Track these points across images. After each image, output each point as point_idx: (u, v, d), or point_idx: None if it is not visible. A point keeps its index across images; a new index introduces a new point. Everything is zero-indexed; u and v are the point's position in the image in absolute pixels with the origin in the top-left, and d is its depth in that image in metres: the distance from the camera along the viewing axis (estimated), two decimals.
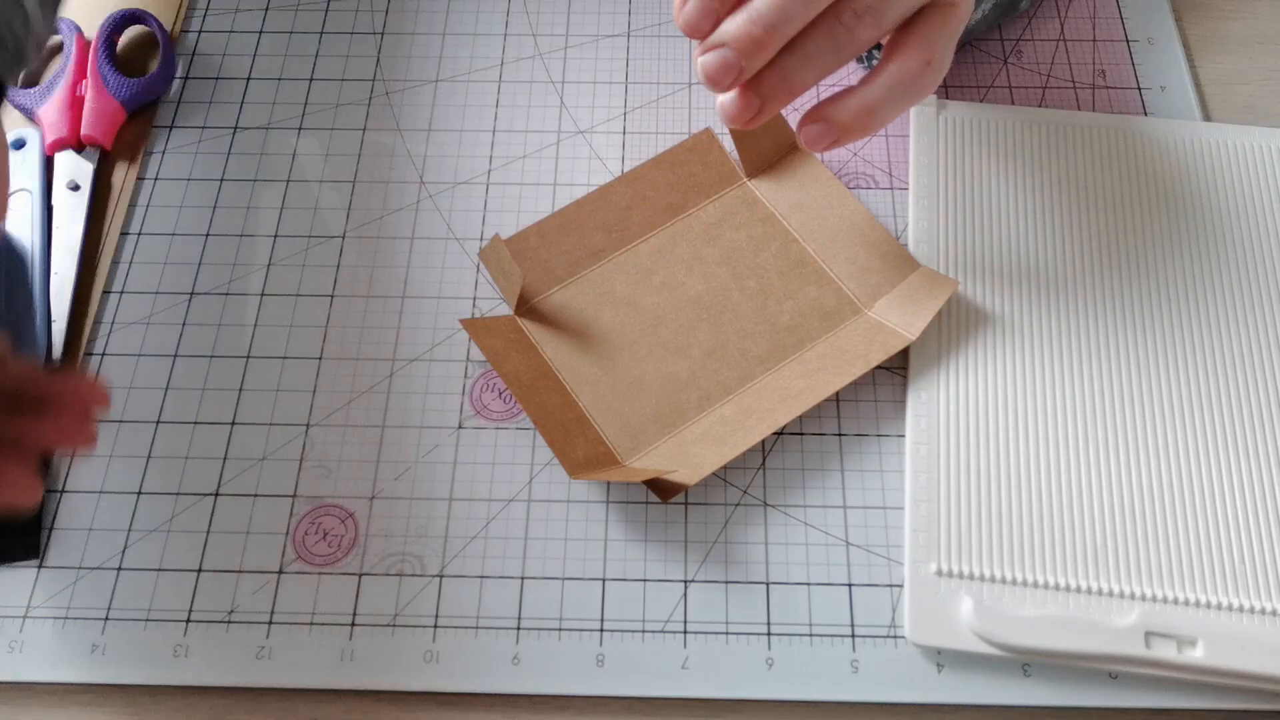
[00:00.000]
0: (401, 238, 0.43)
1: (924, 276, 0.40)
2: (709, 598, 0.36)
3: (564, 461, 0.35)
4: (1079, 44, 0.48)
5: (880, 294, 0.40)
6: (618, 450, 0.38)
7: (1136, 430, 0.38)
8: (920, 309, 0.39)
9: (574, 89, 0.47)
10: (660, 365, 0.39)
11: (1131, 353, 0.39)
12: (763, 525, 0.37)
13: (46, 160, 0.44)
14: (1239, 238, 0.42)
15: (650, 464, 0.37)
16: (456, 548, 0.37)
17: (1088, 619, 0.34)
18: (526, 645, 0.35)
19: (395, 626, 0.35)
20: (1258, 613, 0.34)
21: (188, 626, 0.35)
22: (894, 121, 0.45)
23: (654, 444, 0.38)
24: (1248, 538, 0.36)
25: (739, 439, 0.37)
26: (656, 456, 0.37)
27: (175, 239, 0.43)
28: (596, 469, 0.36)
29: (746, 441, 0.37)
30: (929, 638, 0.34)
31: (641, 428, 0.38)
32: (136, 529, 0.37)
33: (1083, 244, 0.42)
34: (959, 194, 0.43)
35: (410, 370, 0.40)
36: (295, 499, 0.38)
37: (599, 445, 0.37)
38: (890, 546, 0.37)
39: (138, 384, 0.40)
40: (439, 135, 0.46)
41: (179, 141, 0.46)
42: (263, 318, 0.41)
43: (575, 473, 0.35)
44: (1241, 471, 0.37)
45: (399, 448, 0.38)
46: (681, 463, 0.37)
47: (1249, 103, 0.47)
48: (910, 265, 0.41)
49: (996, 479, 0.37)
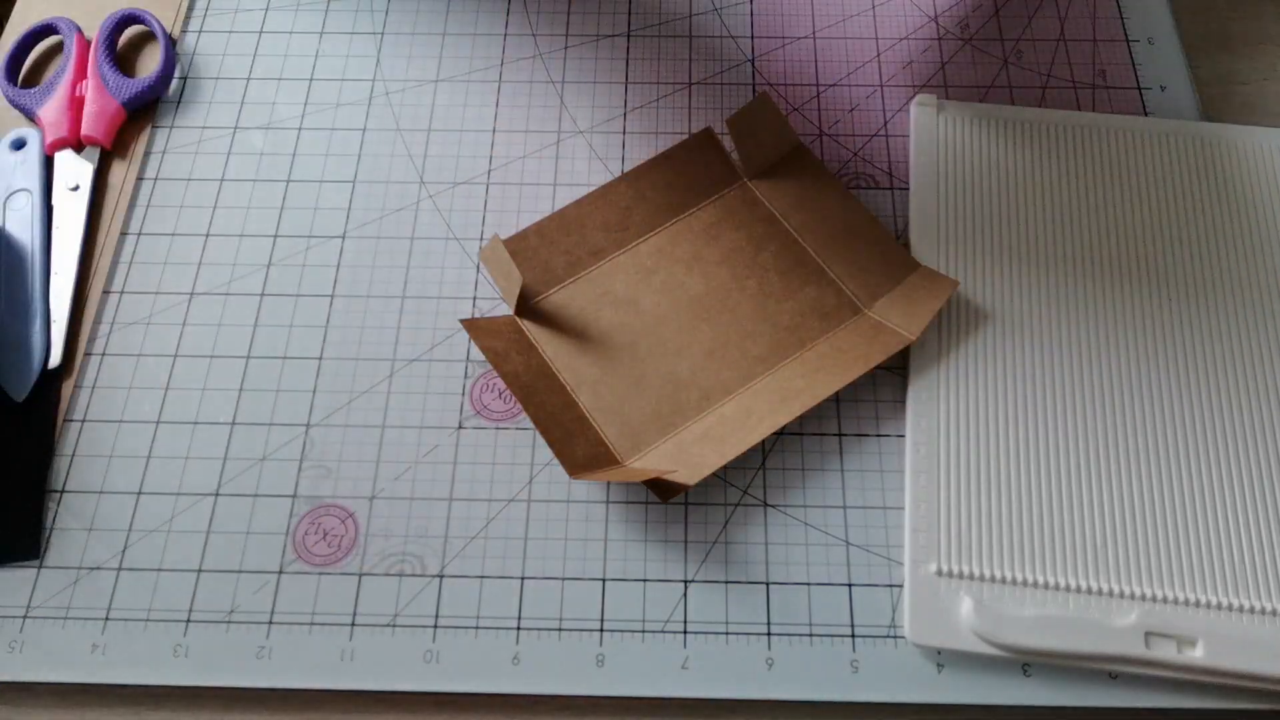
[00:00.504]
0: (401, 238, 0.43)
1: (924, 276, 0.40)
2: (709, 598, 0.36)
3: (564, 462, 0.35)
4: (1079, 44, 0.48)
5: (880, 294, 0.40)
6: (618, 450, 0.38)
7: (1137, 430, 0.38)
8: (920, 309, 0.39)
9: (574, 89, 0.47)
10: (660, 365, 0.39)
11: (1131, 352, 0.39)
12: (763, 525, 0.37)
13: (46, 160, 0.44)
14: (1239, 237, 0.42)
15: (650, 464, 0.37)
16: (456, 548, 0.37)
17: (1088, 619, 0.34)
18: (526, 645, 0.35)
19: (395, 626, 0.35)
20: (1258, 613, 0.34)
21: (188, 626, 0.35)
22: (894, 121, 0.46)
23: (654, 444, 0.38)
24: (1248, 538, 0.36)
25: (739, 439, 0.37)
26: (657, 456, 0.37)
27: (175, 239, 0.43)
28: (596, 469, 0.36)
29: (747, 441, 0.37)
30: (929, 638, 0.34)
31: (641, 427, 0.38)
32: (136, 529, 0.37)
33: (1083, 244, 0.42)
34: (959, 194, 0.43)
35: (410, 370, 0.40)
36: (295, 499, 0.38)
37: (599, 445, 0.37)
38: (890, 546, 0.37)
39: (138, 384, 0.40)
40: (439, 135, 0.46)
41: (179, 141, 0.46)
42: (263, 318, 0.41)
43: (575, 473, 0.35)
44: (1241, 471, 0.37)
45: (399, 448, 0.38)
46: (682, 463, 0.37)
47: (1249, 103, 0.47)
48: (910, 265, 0.41)
49: (997, 479, 0.37)
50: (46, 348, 0.40)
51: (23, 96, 0.46)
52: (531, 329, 0.40)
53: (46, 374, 0.40)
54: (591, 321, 0.40)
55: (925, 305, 0.39)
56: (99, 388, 0.40)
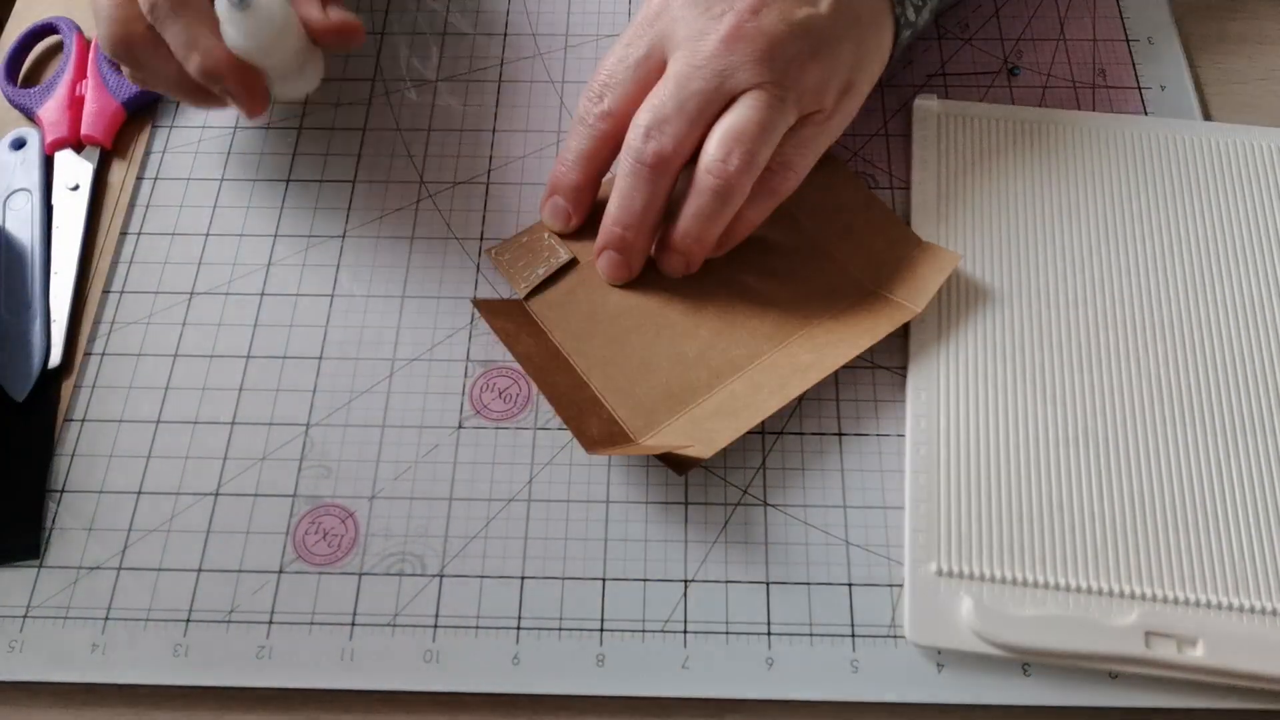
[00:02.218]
0: (401, 238, 0.43)
1: (926, 251, 0.40)
2: (709, 598, 0.36)
3: (580, 438, 0.36)
4: (1079, 44, 0.48)
5: (883, 269, 0.40)
6: (631, 429, 0.38)
7: (1137, 430, 0.38)
8: (924, 282, 0.39)
9: (574, 89, 0.47)
10: (669, 346, 0.39)
11: (1131, 352, 0.39)
12: (763, 525, 0.37)
13: (46, 160, 0.44)
14: (1239, 237, 0.42)
15: (664, 440, 0.37)
16: (456, 548, 0.37)
17: (1088, 619, 0.34)
18: (526, 645, 0.35)
19: (395, 626, 0.35)
20: (1258, 613, 0.34)
21: (188, 626, 0.35)
22: (894, 121, 0.46)
23: (666, 421, 0.38)
24: (1248, 538, 0.36)
25: (751, 412, 0.37)
26: (670, 433, 0.37)
27: (175, 239, 0.43)
28: (612, 445, 0.36)
29: (760, 414, 0.37)
30: (929, 638, 0.34)
31: (653, 406, 0.38)
32: (136, 529, 0.37)
33: (1083, 244, 0.42)
34: (959, 194, 0.43)
35: (410, 370, 0.40)
36: (295, 499, 0.38)
37: (612, 424, 0.37)
38: (890, 546, 0.37)
39: (138, 384, 0.40)
40: (439, 135, 0.46)
41: (179, 141, 0.46)
42: (263, 318, 0.41)
43: (592, 448, 0.35)
44: (1241, 471, 0.37)
45: (399, 448, 0.38)
46: (695, 438, 0.37)
47: (1249, 103, 0.47)
48: (911, 239, 0.41)
49: (997, 479, 0.37)
50: (46, 347, 0.40)
51: (23, 96, 0.46)
52: (540, 314, 0.40)
53: (46, 374, 0.40)
54: (599, 305, 0.40)
55: (928, 279, 0.39)
56: (99, 387, 0.40)
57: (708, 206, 0.37)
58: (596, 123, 0.39)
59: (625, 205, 0.38)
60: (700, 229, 0.38)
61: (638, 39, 0.38)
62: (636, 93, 0.38)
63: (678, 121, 0.36)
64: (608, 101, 0.38)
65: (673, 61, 0.37)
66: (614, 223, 0.38)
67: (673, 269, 0.40)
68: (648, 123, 0.37)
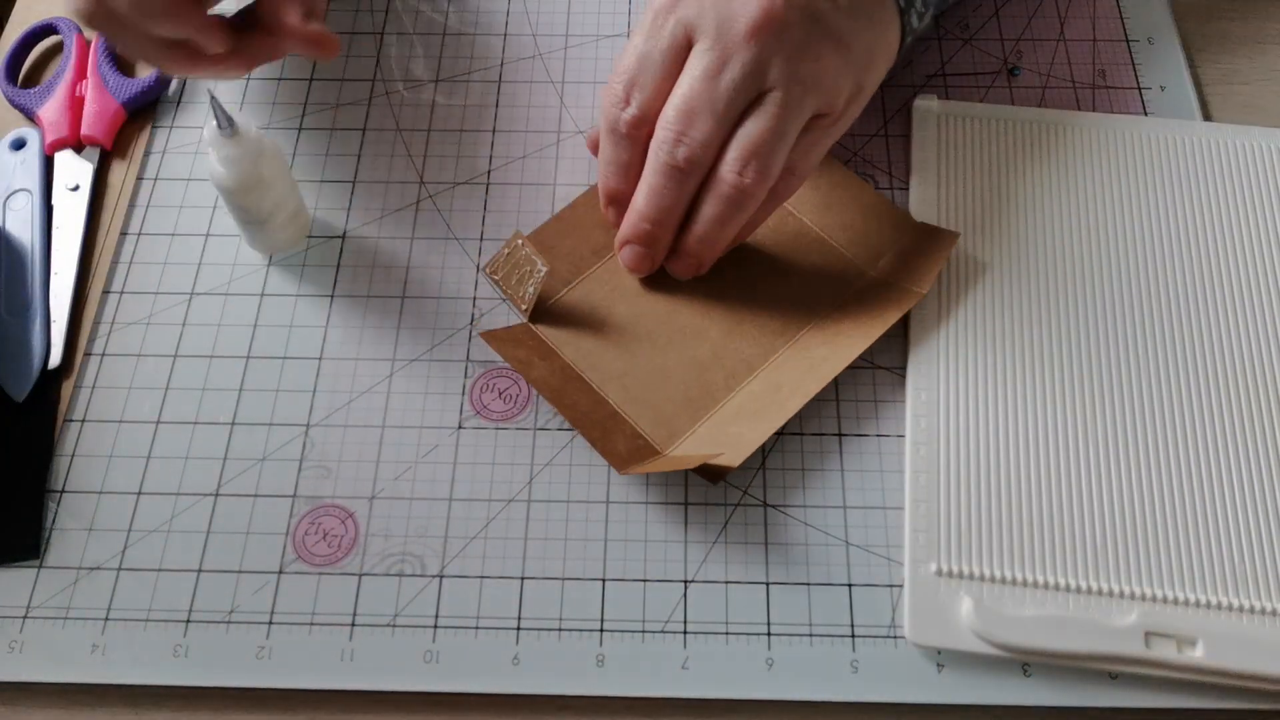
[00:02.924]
0: (401, 238, 0.43)
1: (923, 233, 0.40)
2: (709, 598, 0.36)
3: (610, 459, 0.36)
4: (1079, 44, 0.48)
5: (882, 255, 0.41)
6: (654, 440, 0.38)
7: (1136, 430, 0.38)
8: (925, 265, 0.39)
9: (574, 89, 0.47)
10: (681, 351, 0.39)
11: (1131, 353, 0.39)
12: (763, 525, 0.37)
13: (46, 160, 0.44)
14: (1239, 237, 0.42)
15: (689, 449, 0.37)
16: (456, 548, 0.37)
17: (1088, 619, 0.34)
18: (526, 645, 0.35)
19: (395, 626, 0.35)
20: (1258, 613, 0.34)
21: (188, 626, 0.35)
22: (894, 121, 0.46)
23: (689, 430, 0.38)
24: (1248, 538, 0.35)
25: (775, 413, 0.37)
26: (695, 441, 0.37)
27: (175, 239, 0.43)
28: (640, 460, 0.36)
29: (784, 414, 0.37)
30: (929, 638, 0.34)
31: (673, 415, 0.38)
32: (136, 529, 0.37)
33: (1082, 244, 0.42)
34: (959, 194, 0.43)
35: (410, 370, 0.40)
36: (295, 499, 0.38)
37: (636, 438, 0.37)
38: (890, 546, 0.37)
39: (138, 384, 0.40)
40: (439, 135, 0.46)
41: (179, 141, 0.46)
42: (263, 318, 0.41)
43: (623, 468, 0.35)
44: (1241, 471, 0.37)
45: (399, 448, 0.38)
46: (721, 444, 0.37)
47: (1249, 103, 0.47)
48: (908, 223, 0.41)
49: (996, 479, 0.37)
50: (46, 348, 0.40)
51: (23, 96, 0.46)
52: (548, 334, 0.40)
53: (46, 374, 0.40)
54: (606, 318, 0.40)
55: (930, 261, 0.39)
56: (99, 388, 0.40)
57: (724, 213, 0.37)
58: (631, 131, 0.38)
59: (655, 202, 0.37)
60: (715, 234, 0.38)
61: (658, 29, 0.37)
62: (664, 88, 0.37)
63: (708, 121, 0.36)
64: (635, 105, 0.37)
65: (699, 48, 0.36)
66: (642, 218, 0.38)
67: (682, 272, 0.40)
68: (678, 123, 0.36)
